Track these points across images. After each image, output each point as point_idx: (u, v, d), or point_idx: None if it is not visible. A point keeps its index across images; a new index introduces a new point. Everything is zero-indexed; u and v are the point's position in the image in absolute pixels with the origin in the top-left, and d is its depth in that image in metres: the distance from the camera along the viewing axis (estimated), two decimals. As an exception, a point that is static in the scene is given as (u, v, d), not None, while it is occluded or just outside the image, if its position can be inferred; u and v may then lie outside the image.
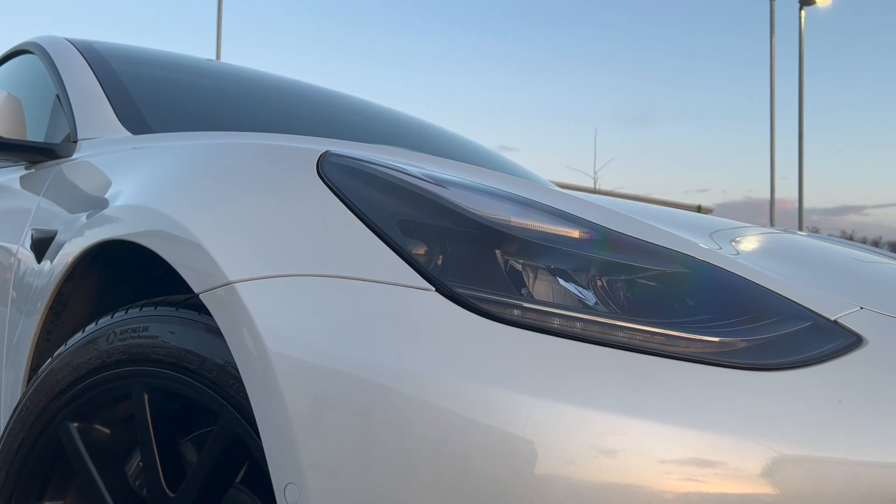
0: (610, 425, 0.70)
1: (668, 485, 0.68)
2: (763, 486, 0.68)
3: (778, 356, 0.77)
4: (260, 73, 2.42)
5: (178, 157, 1.20)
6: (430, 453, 0.72)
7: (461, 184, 0.94)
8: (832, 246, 1.46)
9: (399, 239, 0.85)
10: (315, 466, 0.77)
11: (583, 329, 0.77)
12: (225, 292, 0.88)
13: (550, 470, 0.69)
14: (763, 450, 0.69)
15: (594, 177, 15.55)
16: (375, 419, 0.75)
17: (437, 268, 0.83)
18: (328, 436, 0.77)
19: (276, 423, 0.80)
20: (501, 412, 0.71)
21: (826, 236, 1.78)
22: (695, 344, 0.77)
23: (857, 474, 0.69)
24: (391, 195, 0.91)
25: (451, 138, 2.45)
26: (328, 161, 0.96)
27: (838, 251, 1.38)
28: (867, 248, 1.70)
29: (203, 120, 1.83)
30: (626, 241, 0.89)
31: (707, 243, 1.06)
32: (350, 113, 2.33)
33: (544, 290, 0.83)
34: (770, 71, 15.57)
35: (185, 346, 0.96)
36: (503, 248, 0.85)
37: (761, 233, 1.43)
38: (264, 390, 0.81)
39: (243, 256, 0.90)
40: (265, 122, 1.96)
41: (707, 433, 0.70)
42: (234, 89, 2.21)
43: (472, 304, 0.79)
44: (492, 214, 0.87)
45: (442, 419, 0.72)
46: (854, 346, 0.80)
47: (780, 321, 0.82)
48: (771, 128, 15.47)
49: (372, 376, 0.76)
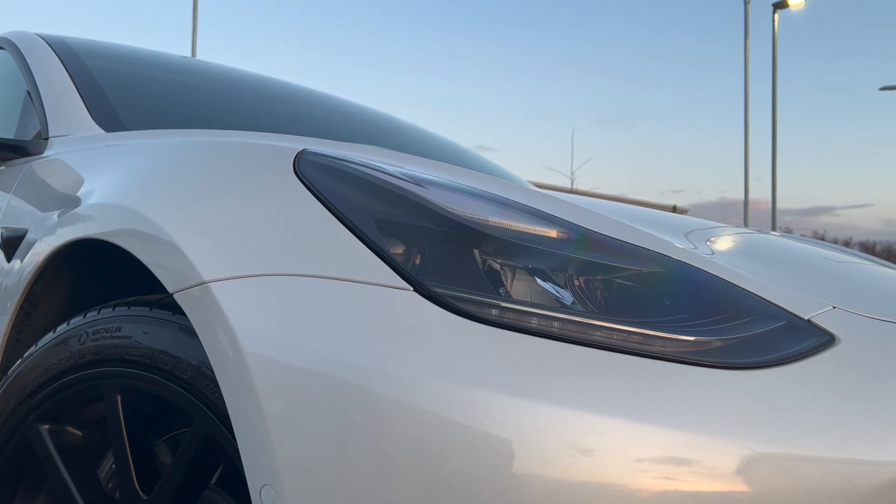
0: (587, 424, 0.70)
1: (644, 483, 0.69)
2: (738, 485, 0.69)
3: (753, 355, 0.77)
4: (236, 70, 2.39)
5: (152, 155, 1.18)
6: (408, 453, 0.72)
7: (439, 183, 0.94)
8: (805, 246, 1.48)
9: (377, 238, 0.85)
10: (291, 467, 0.76)
11: (560, 329, 0.77)
12: (200, 292, 0.87)
13: (527, 469, 0.69)
14: (738, 448, 0.70)
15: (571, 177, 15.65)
16: (352, 419, 0.74)
17: (416, 267, 0.83)
18: (304, 437, 0.76)
19: (251, 424, 0.79)
20: (479, 412, 0.71)
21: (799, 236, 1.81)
22: (671, 343, 0.77)
23: (830, 472, 0.70)
24: (369, 194, 0.90)
25: (429, 138, 2.45)
26: (305, 159, 0.95)
27: (811, 251, 1.40)
28: (838, 248, 1.72)
29: (178, 117, 1.81)
30: (604, 241, 0.89)
31: (683, 243, 1.07)
32: (328, 112, 2.32)
33: (522, 289, 0.83)
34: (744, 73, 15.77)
35: (159, 347, 0.95)
36: (481, 247, 0.85)
37: (735, 233, 1.44)
38: (239, 391, 0.81)
39: (218, 256, 0.89)
40: (241, 121, 1.95)
41: (683, 432, 0.70)
42: (209, 87, 2.18)
43: (451, 304, 0.78)
44: (470, 214, 0.87)
45: (419, 419, 0.72)
46: (827, 344, 0.81)
47: (754, 320, 0.82)
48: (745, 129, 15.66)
49: (349, 376, 0.76)
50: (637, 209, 1.53)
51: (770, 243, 1.39)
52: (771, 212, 16.06)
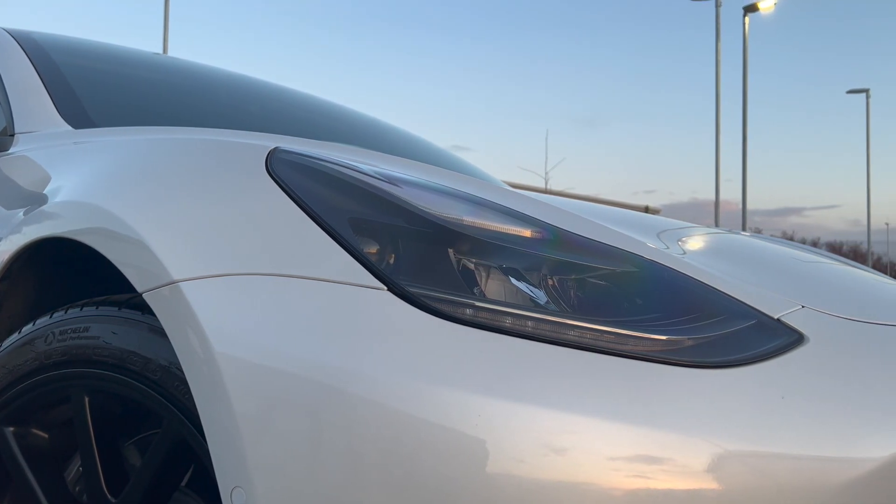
0: (560, 423, 0.70)
1: (616, 482, 0.69)
2: (708, 482, 0.70)
3: (724, 354, 0.78)
4: (208, 67, 2.36)
5: (121, 152, 1.16)
6: (381, 454, 0.72)
7: (414, 182, 0.94)
8: (774, 246, 1.50)
9: (350, 237, 0.84)
10: (263, 469, 0.75)
11: (534, 328, 0.77)
12: (169, 291, 0.85)
13: (501, 468, 0.69)
14: (709, 446, 0.70)
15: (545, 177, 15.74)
16: (325, 420, 0.74)
17: (390, 267, 0.82)
18: (276, 438, 0.75)
19: (222, 425, 0.78)
20: (453, 411, 0.71)
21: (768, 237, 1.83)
22: (643, 342, 0.78)
23: (799, 469, 0.71)
24: (342, 193, 0.90)
25: (404, 137, 2.44)
26: (278, 158, 0.94)
27: (780, 251, 1.42)
28: (807, 248, 1.75)
29: (148, 115, 1.78)
30: (577, 241, 0.90)
31: (655, 243, 1.08)
32: (301, 110, 2.30)
33: (496, 289, 0.83)
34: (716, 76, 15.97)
35: (128, 347, 0.93)
36: (456, 247, 0.85)
37: (707, 233, 1.46)
38: (210, 392, 0.80)
39: (189, 255, 0.88)
40: (213, 118, 1.92)
41: (655, 430, 0.71)
42: (181, 84, 2.15)
43: (425, 304, 0.78)
44: (445, 213, 0.87)
45: (393, 419, 0.72)
46: (796, 343, 0.82)
47: (725, 319, 0.83)
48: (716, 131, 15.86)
49: (322, 377, 0.75)
50: (610, 209, 1.54)
51: (740, 243, 1.41)
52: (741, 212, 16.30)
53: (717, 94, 15.95)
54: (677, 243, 1.17)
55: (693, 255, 1.12)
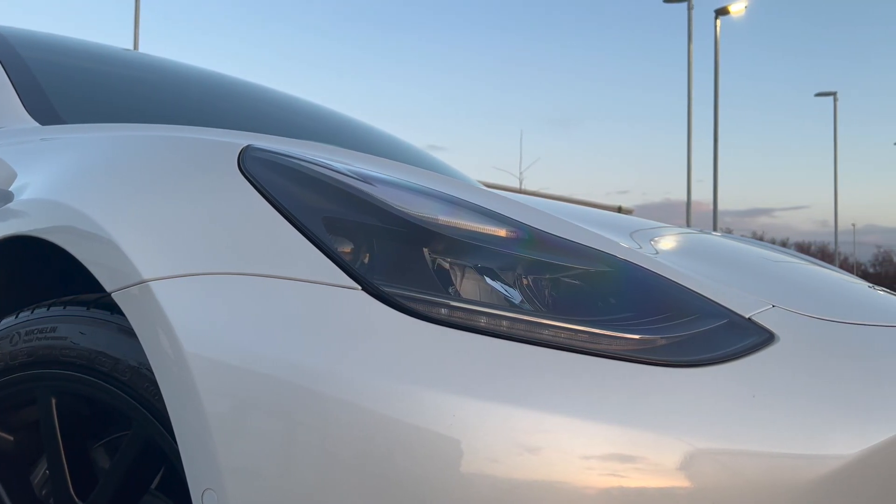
0: (535, 423, 0.70)
1: (590, 481, 0.69)
2: (680, 480, 0.70)
3: (696, 353, 0.79)
4: (180, 64, 2.33)
5: (90, 149, 1.14)
6: (355, 455, 0.71)
7: (388, 181, 0.93)
8: (744, 246, 1.52)
9: (324, 236, 0.83)
10: (235, 471, 0.75)
11: (509, 327, 0.78)
12: (139, 291, 0.84)
13: (475, 468, 0.69)
14: (681, 444, 0.71)
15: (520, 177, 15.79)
16: (298, 421, 0.73)
17: (364, 266, 0.82)
18: (248, 439, 0.75)
19: (193, 426, 0.77)
20: (428, 412, 0.71)
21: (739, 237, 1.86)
22: (617, 341, 0.78)
23: (769, 466, 0.72)
24: (316, 191, 0.89)
25: (379, 136, 2.43)
26: (250, 155, 0.93)
27: (750, 251, 1.44)
28: (776, 248, 1.78)
29: (118, 111, 1.75)
30: (552, 241, 0.90)
31: (628, 243, 1.09)
32: (275, 107, 2.28)
33: (471, 288, 0.83)
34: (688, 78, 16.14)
35: (97, 348, 0.92)
36: (431, 246, 0.84)
37: (679, 233, 1.47)
38: (181, 393, 0.78)
39: (159, 253, 0.86)
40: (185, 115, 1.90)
41: (628, 429, 0.71)
42: (152, 80, 2.12)
43: (399, 304, 0.78)
44: (419, 212, 0.87)
45: (366, 420, 0.71)
46: (767, 342, 0.83)
47: (697, 319, 0.84)
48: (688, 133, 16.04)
49: (295, 377, 0.74)
50: (584, 209, 1.55)
51: (712, 243, 1.43)
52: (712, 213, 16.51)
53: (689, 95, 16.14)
54: (650, 243, 1.18)
55: (665, 254, 1.13)
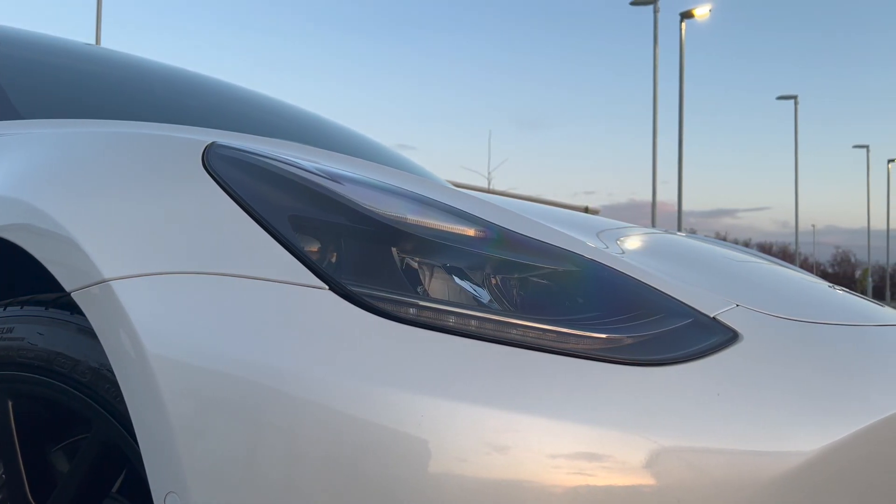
0: (503, 422, 0.70)
1: (557, 479, 0.69)
2: (647, 478, 0.71)
3: (661, 352, 0.80)
4: (143, 59, 2.29)
5: (49, 145, 1.11)
6: (322, 456, 0.70)
7: (356, 180, 0.92)
8: (708, 246, 1.54)
9: (290, 235, 0.82)
10: (198, 474, 0.73)
11: (478, 327, 0.77)
12: (100, 290, 0.82)
13: (444, 468, 0.69)
14: (647, 443, 0.71)
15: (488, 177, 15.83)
16: (264, 423, 0.72)
17: (331, 266, 0.81)
18: (213, 441, 0.73)
19: (155, 428, 0.76)
20: (396, 412, 0.70)
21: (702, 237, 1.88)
22: (584, 341, 0.78)
23: (734, 464, 0.73)
24: (282, 190, 0.88)
25: (348, 135, 2.41)
26: (215, 153, 0.92)
27: (714, 251, 1.46)
28: (739, 248, 1.81)
29: (79, 107, 1.72)
30: (520, 240, 0.90)
31: (595, 242, 1.10)
32: (242, 105, 2.25)
33: (440, 288, 0.83)
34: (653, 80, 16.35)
35: (55, 349, 0.90)
36: (399, 245, 0.84)
37: (644, 233, 1.49)
38: (143, 394, 0.77)
39: (121, 252, 0.84)
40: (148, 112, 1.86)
41: (595, 427, 0.71)
42: (114, 76, 2.08)
43: (368, 303, 0.77)
44: (388, 211, 0.86)
45: (334, 421, 0.71)
46: (731, 341, 0.84)
47: (663, 318, 0.85)
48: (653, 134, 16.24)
49: (261, 378, 0.73)
50: (551, 209, 1.56)
51: (676, 243, 1.44)
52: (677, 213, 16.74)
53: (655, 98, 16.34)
54: (616, 243, 1.19)
55: (631, 254, 1.14)
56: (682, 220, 16.78)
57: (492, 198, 1.36)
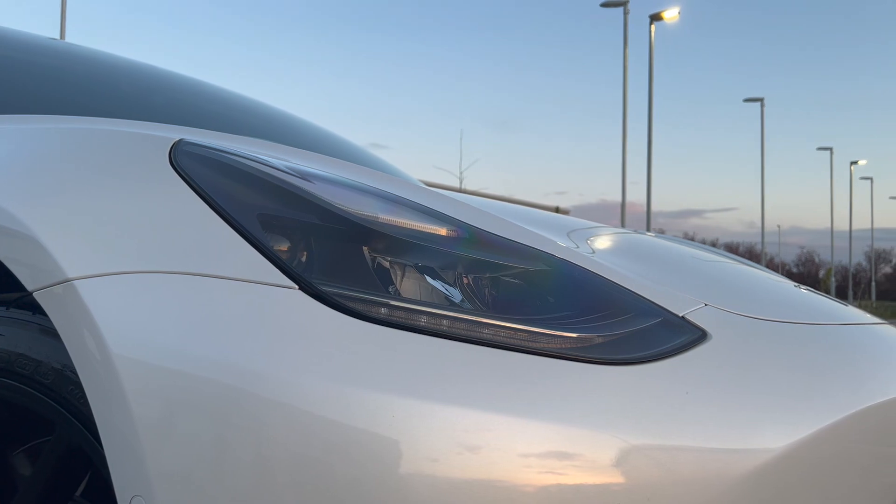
0: (474, 422, 0.70)
1: (528, 478, 0.70)
2: (616, 477, 0.71)
3: (631, 351, 0.80)
4: (109, 55, 2.25)
5: (10, 141, 1.09)
6: (291, 458, 0.70)
7: (327, 178, 0.92)
8: (677, 246, 1.56)
9: (259, 234, 0.81)
10: (164, 476, 0.72)
11: (449, 326, 0.77)
12: (63, 290, 0.80)
13: (415, 469, 0.69)
14: (617, 441, 0.72)
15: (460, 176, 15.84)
16: (233, 424, 0.71)
17: (301, 265, 0.80)
18: (179, 443, 0.72)
19: (120, 430, 0.74)
20: (367, 413, 0.70)
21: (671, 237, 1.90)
22: (555, 340, 0.79)
23: (702, 461, 0.73)
24: (251, 188, 0.87)
25: (319, 133, 2.40)
26: (182, 150, 0.90)
27: (683, 251, 1.47)
28: (707, 248, 1.83)
29: (42, 103, 1.68)
30: (492, 240, 0.90)
31: (565, 242, 1.10)
32: (210, 102, 2.22)
33: (412, 287, 0.83)
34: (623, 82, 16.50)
35: (17, 350, 0.88)
36: (370, 245, 0.83)
37: (614, 233, 1.50)
38: (107, 396, 0.75)
39: (85, 251, 0.83)
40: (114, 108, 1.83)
41: (566, 426, 0.72)
42: (79, 71, 2.04)
43: (338, 303, 0.77)
44: (359, 210, 0.86)
45: (303, 422, 0.70)
46: (699, 340, 0.85)
47: (633, 317, 0.85)
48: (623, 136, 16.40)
49: (229, 379, 0.72)
50: (522, 209, 1.56)
51: (646, 243, 1.45)
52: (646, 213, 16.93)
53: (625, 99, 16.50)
54: (586, 242, 1.20)
55: (601, 254, 1.15)
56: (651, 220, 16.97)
57: (464, 197, 1.36)
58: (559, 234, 1.16)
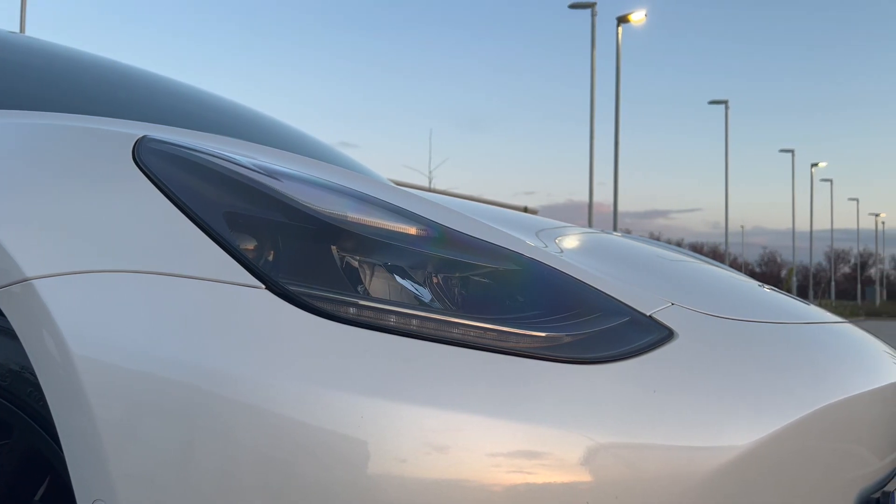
0: (443, 422, 0.70)
1: (497, 478, 0.70)
2: (584, 475, 0.71)
3: (599, 350, 0.80)
4: (71, 49, 2.20)
5: (-34, 136, 1.06)
6: (258, 460, 0.69)
7: (295, 176, 0.91)
8: (644, 246, 1.57)
9: (225, 233, 0.80)
10: (127, 479, 0.71)
11: (419, 326, 0.77)
12: (21, 290, 0.78)
13: (383, 470, 0.68)
14: (585, 440, 0.72)
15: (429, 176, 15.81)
16: (198, 426, 0.70)
17: (268, 264, 0.79)
18: (143, 446, 0.71)
19: (81, 433, 0.73)
20: (335, 414, 0.69)
21: (637, 237, 1.92)
22: (524, 339, 0.79)
23: (668, 459, 0.74)
24: (217, 185, 0.86)
25: (287, 131, 2.37)
26: (146, 146, 0.89)
27: (649, 251, 1.49)
28: (673, 248, 1.85)
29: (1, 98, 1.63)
30: (461, 239, 0.90)
31: (534, 241, 1.10)
32: (175, 98, 2.18)
33: (381, 287, 0.82)
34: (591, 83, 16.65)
35: None
36: (339, 244, 0.83)
37: (581, 233, 1.51)
38: (68, 398, 0.74)
39: (44, 250, 0.81)
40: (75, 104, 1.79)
41: (534, 426, 0.72)
42: (39, 65, 1.99)
43: (306, 303, 0.76)
44: (327, 209, 0.85)
45: (271, 423, 0.69)
46: (666, 339, 0.85)
47: (601, 317, 0.86)
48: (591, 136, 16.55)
49: (194, 380, 0.71)
50: (492, 208, 1.56)
51: (613, 243, 1.47)
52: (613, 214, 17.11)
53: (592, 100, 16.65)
54: (555, 242, 1.20)
55: (569, 253, 1.15)
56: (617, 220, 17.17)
57: (433, 197, 1.36)
58: (528, 234, 1.16)
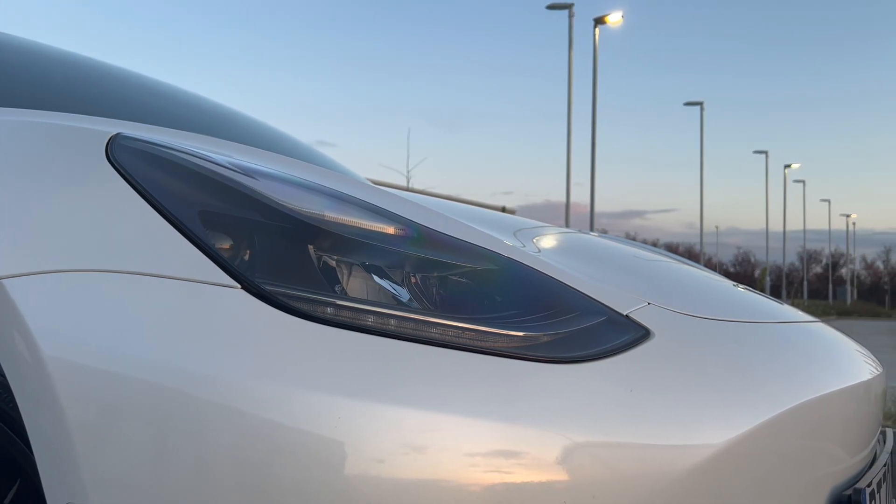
0: (421, 422, 0.70)
1: (474, 478, 0.69)
2: (561, 474, 0.71)
3: (576, 349, 0.81)
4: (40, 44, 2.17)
5: (-66, 132, 1.03)
6: (233, 462, 0.68)
7: (271, 174, 0.90)
8: (620, 245, 1.58)
9: (200, 232, 0.79)
10: (100, 482, 0.69)
11: (397, 326, 0.76)
12: (-9, 289, 0.77)
13: (360, 470, 0.68)
14: (561, 439, 0.72)
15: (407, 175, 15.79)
16: (172, 427, 0.69)
17: (244, 264, 0.78)
18: (116, 447, 0.70)
19: (52, 435, 0.71)
20: (311, 414, 0.69)
21: (614, 237, 1.93)
22: (502, 339, 0.79)
23: (645, 457, 0.75)
24: (192, 184, 0.84)
25: (263, 129, 2.35)
26: (120, 144, 0.87)
27: (626, 250, 1.50)
28: (649, 248, 1.86)
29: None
30: (439, 238, 0.90)
31: (512, 241, 1.11)
32: (149, 95, 2.16)
33: (358, 287, 0.82)
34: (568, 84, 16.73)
35: None
36: (316, 243, 0.82)
37: (559, 232, 1.51)
38: (38, 399, 0.72)
39: (14, 249, 0.79)
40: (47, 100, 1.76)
41: (512, 425, 0.72)
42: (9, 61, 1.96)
43: (282, 303, 0.75)
44: (304, 208, 0.84)
45: (247, 424, 0.68)
46: (643, 338, 0.86)
47: (578, 316, 0.86)
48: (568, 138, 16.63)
49: (169, 381, 0.70)
50: (470, 208, 1.56)
51: (590, 242, 1.47)
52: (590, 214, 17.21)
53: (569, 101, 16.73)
54: (532, 242, 1.21)
55: (547, 253, 1.16)
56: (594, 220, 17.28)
57: (411, 196, 1.36)
58: (506, 234, 1.17)
